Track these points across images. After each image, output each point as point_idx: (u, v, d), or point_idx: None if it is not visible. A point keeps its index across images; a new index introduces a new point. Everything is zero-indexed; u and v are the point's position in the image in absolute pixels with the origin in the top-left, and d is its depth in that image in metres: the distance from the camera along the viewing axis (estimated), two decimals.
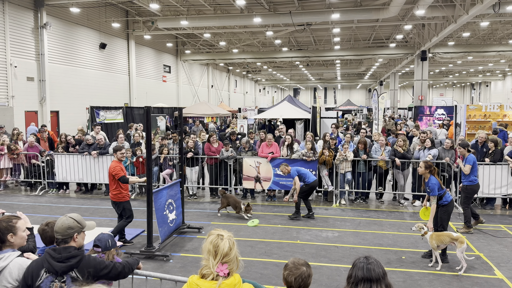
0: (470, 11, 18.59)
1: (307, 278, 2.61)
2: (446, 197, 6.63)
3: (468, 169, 8.05)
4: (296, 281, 2.59)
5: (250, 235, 8.07)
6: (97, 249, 3.65)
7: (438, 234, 6.42)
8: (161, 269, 6.33)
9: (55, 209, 10.16)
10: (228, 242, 2.52)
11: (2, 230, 3.09)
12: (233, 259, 2.52)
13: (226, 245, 2.50)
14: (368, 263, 2.46)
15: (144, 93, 31.80)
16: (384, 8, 21.13)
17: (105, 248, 3.65)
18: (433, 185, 6.52)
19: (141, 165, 11.39)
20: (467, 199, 8.21)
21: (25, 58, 20.21)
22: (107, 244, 3.68)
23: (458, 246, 6.21)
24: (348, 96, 79.02)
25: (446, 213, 6.63)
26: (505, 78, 57.29)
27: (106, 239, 3.70)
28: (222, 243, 2.50)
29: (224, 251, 2.48)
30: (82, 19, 24.41)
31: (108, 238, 3.73)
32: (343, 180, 10.57)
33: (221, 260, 2.48)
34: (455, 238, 6.26)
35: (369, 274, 2.42)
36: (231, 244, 2.53)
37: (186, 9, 25.17)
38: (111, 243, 3.72)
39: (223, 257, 2.48)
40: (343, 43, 36.44)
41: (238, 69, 55.64)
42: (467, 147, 8.38)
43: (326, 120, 16.81)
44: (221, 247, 2.49)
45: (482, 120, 15.47)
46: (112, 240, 3.76)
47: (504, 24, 28.99)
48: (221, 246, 2.49)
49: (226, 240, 2.52)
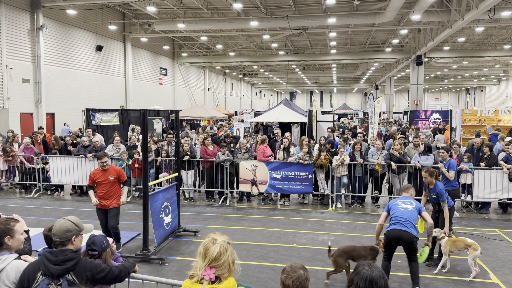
0: (465, 16, 18.73)
1: (304, 281, 2.60)
2: (448, 201, 6.70)
3: (453, 175, 8.16)
4: (294, 284, 2.58)
5: (246, 238, 8.06)
6: (93, 253, 3.55)
7: (454, 240, 6.43)
8: (156, 272, 6.31)
9: (50, 212, 10.10)
10: (219, 248, 2.47)
11: (0, 233, 3.07)
12: (223, 265, 2.47)
13: (216, 250, 2.46)
14: (372, 274, 2.37)
15: (141, 95, 31.74)
16: (380, 13, 21.25)
17: (102, 250, 3.57)
18: (442, 190, 6.53)
19: (136, 168, 11.36)
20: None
21: (21, 59, 20.13)
22: (103, 246, 3.59)
23: (471, 252, 6.22)
24: (344, 100, 79.24)
25: (448, 217, 6.65)
26: (499, 83, 57.68)
27: (101, 241, 3.60)
28: (213, 247, 2.47)
29: (213, 255, 2.45)
30: (78, 21, 24.36)
31: (103, 240, 3.63)
32: (339, 183, 10.59)
33: (209, 264, 2.45)
34: (469, 244, 6.28)
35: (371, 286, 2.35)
36: (222, 250, 2.48)
37: (183, 12, 25.19)
38: (106, 244, 3.63)
39: (211, 262, 2.45)
40: (339, 47, 36.59)
41: (235, 72, 55.68)
42: (449, 151, 8.52)
43: (322, 124, 16.84)
44: (211, 251, 2.46)
45: (477, 125, 15.57)
46: (106, 240, 3.66)
47: (499, 30, 29.22)
48: (211, 250, 2.46)
49: (217, 245, 2.48)
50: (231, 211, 10.24)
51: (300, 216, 9.75)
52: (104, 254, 3.58)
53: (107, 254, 3.59)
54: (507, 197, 9.93)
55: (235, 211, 10.25)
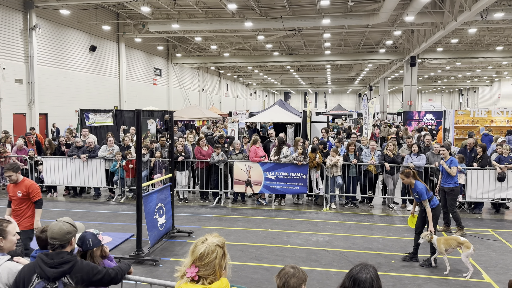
0: (458, 18, 18.86)
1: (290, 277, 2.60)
2: (433, 201, 6.74)
3: (455, 171, 8.29)
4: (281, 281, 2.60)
5: (241, 239, 8.05)
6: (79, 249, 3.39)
7: (446, 238, 6.51)
8: (150, 273, 6.29)
9: (43, 213, 9.96)
10: (205, 248, 2.44)
11: None
12: (207, 266, 2.43)
13: (201, 250, 2.43)
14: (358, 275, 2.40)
15: (135, 96, 31.62)
16: (374, 14, 21.34)
17: (86, 248, 3.38)
18: (421, 189, 6.60)
19: (130, 169, 11.32)
20: (453, 201, 8.45)
21: (13, 60, 19.98)
22: (88, 244, 3.38)
23: (464, 250, 6.27)
24: (339, 100, 79.52)
25: (434, 217, 6.72)
26: (492, 84, 58.17)
27: (87, 238, 3.40)
28: (200, 246, 2.46)
29: (197, 254, 2.43)
30: (72, 21, 24.23)
31: (90, 237, 3.42)
32: (334, 184, 10.62)
33: (193, 262, 2.45)
34: (462, 242, 6.33)
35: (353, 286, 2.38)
36: (208, 251, 2.43)
37: (177, 13, 25.14)
38: (93, 242, 3.41)
39: (196, 260, 2.44)
40: (334, 48, 36.70)
41: (229, 73, 55.65)
42: (449, 149, 8.75)
43: (316, 125, 16.89)
44: (197, 250, 2.45)
45: (470, 125, 15.68)
46: (94, 238, 3.44)
47: (492, 31, 29.46)
48: (198, 249, 2.45)
49: (204, 246, 2.45)
50: (225, 212, 10.23)
51: (294, 217, 9.76)
52: (90, 252, 3.40)
53: (93, 253, 3.42)
54: (500, 197, 10.01)
55: (229, 212, 10.24)
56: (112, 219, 9.52)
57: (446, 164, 8.40)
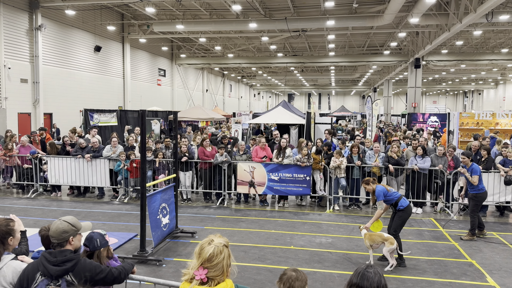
0: (463, 20, 18.80)
1: (294, 281, 2.61)
2: (401, 202, 6.81)
3: (477, 180, 8.04)
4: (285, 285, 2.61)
5: (244, 240, 8.06)
6: (85, 248, 3.43)
7: (371, 234, 6.74)
8: (154, 273, 6.30)
9: (47, 212, 10.08)
10: (214, 249, 2.44)
11: (3, 234, 3.06)
12: (216, 267, 2.43)
13: (210, 251, 2.43)
14: (365, 270, 2.42)
15: (139, 96, 31.72)
16: (378, 16, 21.31)
17: (93, 247, 3.42)
18: (378, 192, 6.85)
19: (134, 169, 11.35)
20: (476, 207, 8.15)
21: (19, 59, 20.10)
22: (96, 244, 3.42)
23: (387, 245, 6.50)
24: (342, 102, 79.45)
25: (401, 219, 6.81)
26: (497, 86, 57.92)
27: (95, 239, 3.45)
28: (208, 248, 2.45)
29: (206, 256, 2.42)
30: (77, 21, 24.34)
31: (97, 238, 3.47)
32: (337, 185, 10.60)
33: (201, 264, 2.44)
34: (386, 238, 6.57)
35: (361, 281, 2.39)
36: (216, 252, 2.44)
37: (182, 14, 25.20)
38: (101, 243, 3.46)
39: (204, 262, 2.43)
40: (338, 50, 36.66)
41: (233, 73, 55.71)
42: (470, 156, 8.38)
43: (320, 126, 16.88)
44: (205, 252, 2.44)
45: (474, 128, 15.61)
46: (102, 239, 3.50)
47: (497, 33, 29.34)
48: (206, 250, 2.44)
49: (212, 246, 2.45)
50: (228, 213, 10.23)
51: (297, 218, 9.75)
52: (97, 252, 3.43)
53: (100, 253, 3.45)
54: (504, 200, 9.96)
55: (232, 213, 10.25)
56: (116, 219, 9.55)
57: (468, 173, 8.17)
